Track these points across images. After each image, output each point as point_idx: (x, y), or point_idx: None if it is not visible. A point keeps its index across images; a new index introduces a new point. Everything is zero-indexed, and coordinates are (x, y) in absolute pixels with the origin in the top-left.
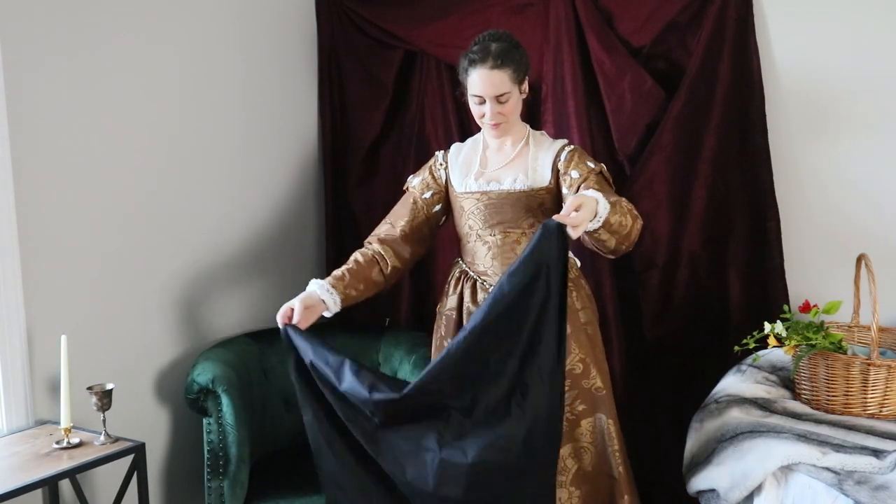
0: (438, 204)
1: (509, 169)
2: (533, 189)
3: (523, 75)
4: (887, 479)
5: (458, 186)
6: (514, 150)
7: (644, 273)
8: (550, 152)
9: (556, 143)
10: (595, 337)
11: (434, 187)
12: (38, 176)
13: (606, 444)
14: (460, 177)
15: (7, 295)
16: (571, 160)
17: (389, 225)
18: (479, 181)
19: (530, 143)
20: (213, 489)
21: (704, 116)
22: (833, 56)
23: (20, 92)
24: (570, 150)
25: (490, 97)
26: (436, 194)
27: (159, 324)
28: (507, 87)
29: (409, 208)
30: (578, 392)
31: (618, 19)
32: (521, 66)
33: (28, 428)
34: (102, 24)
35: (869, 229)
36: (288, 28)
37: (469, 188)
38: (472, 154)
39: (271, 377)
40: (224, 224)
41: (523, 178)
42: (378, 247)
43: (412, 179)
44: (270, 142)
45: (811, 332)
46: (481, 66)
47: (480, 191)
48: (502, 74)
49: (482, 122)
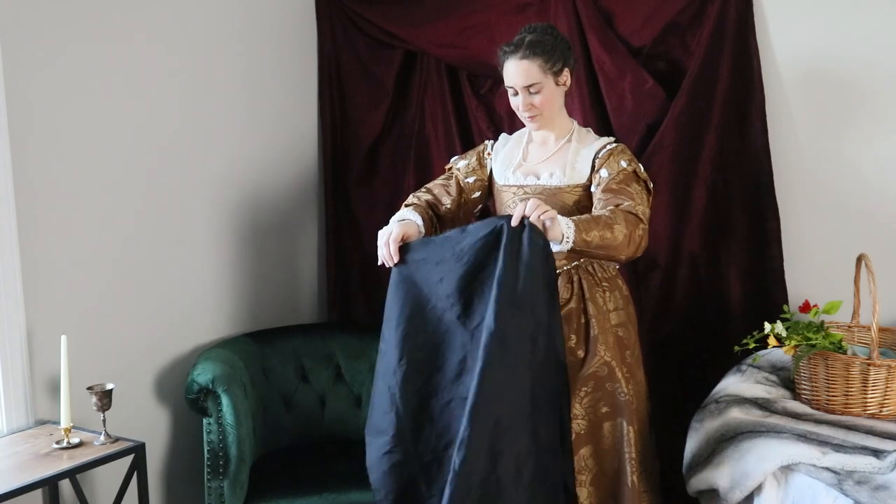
0: (479, 191)
1: (548, 164)
2: (569, 186)
3: (559, 66)
4: (887, 479)
5: (499, 179)
6: (557, 146)
7: (645, 274)
8: (592, 149)
9: (600, 141)
10: (628, 340)
11: (479, 174)
12: (38, 176)
13: (624, 450)
14: (502, 169)
15: (7, 295)
16: (607, 158)
17: (433, 197)
18: (517, 174)
19: (573, 139)
20: (213, 489)
21: (705, 116)
22: (833, 56)
23: (20, 92)
24: (610, 148)
25: (520, 87)
26: (478, 181)
27: (159, 324)
28: (536, 76)
29: (454, 188)
30: (602, 394)
31: (618, 19)
32: (555, 57)
33: (28, 428)
34: (102, 25)
35: (869, 229)
36: (288, 28)
37: (508, 181)
38: (516, 147)
39: (271, 377)
40: (224, 223)
41: (560, 173)
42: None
43: (457, 161)
44: (270, 142)
45: (811, 332)
46: (512, 56)
47: (518, 184)
48: (531, 64)
49: (520, 115)
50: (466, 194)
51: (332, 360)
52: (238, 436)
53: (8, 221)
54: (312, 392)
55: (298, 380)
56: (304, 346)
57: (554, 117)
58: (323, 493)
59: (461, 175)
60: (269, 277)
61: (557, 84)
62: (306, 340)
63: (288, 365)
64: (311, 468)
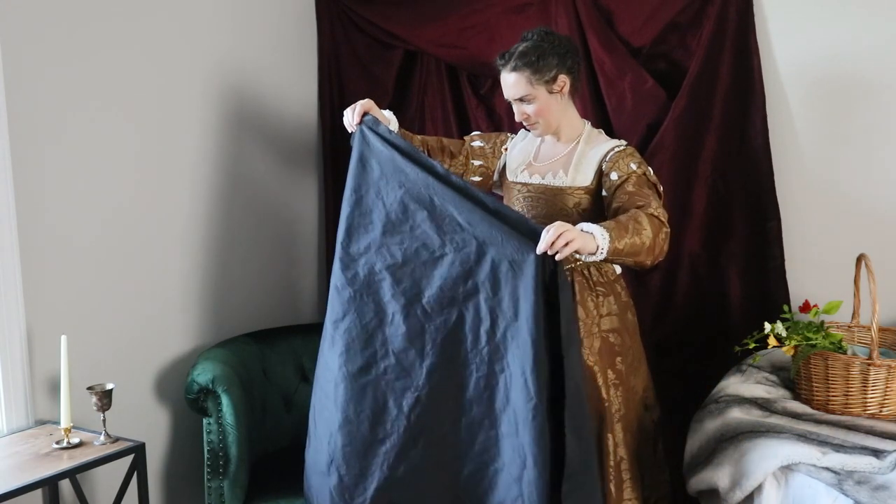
0: (479, 177)
1: (555, 164)
2: (571, 187)
3: (550, 75)
4: (887, 479)
5: (510, 174)
6: (566, 148)
7: (645, 274)
8: (599, 151)
9: (609, 143)
10: (621, 347)
11: (488, 161)
12: (38, 176)
13: (603, 457)
14: (515, 164)
15: (7, 295)
16: (616, 160)
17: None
18: (525, 173)
19: (581, 140)
20: (213, 489)
21: (705, 116)
22: (833, 56)
23: (20, 92)
24: (618, 151)
25: (511, 99)
26: (483, 167)
27: (159, 324)
28: (524, 89)
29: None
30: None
31: (618, 19)
32: (546, 67)
33: (28, 428)
34: (102, 28)
35: (869, 229)
36: (288, 28)
37: (517, 178)
38: (530, 145)
39: (271, 377)
40: (224, 224)
41: (563, 175)
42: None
43: (476, 139)
44: (270, 142)
45: (811, 332)
46: (503, 69)
47: (523, 182)
48: (519, 77)
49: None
50: (468, 174)
51: None
52: (238, 436)
53: (8, 221)
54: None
55: (298, 380)
56: (304, 346)
57: (556, 122)
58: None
59: (471, 154)
60: (270, 277)
61: (552, 92)
62: (306, 340)
63: (288, 365)
64: None
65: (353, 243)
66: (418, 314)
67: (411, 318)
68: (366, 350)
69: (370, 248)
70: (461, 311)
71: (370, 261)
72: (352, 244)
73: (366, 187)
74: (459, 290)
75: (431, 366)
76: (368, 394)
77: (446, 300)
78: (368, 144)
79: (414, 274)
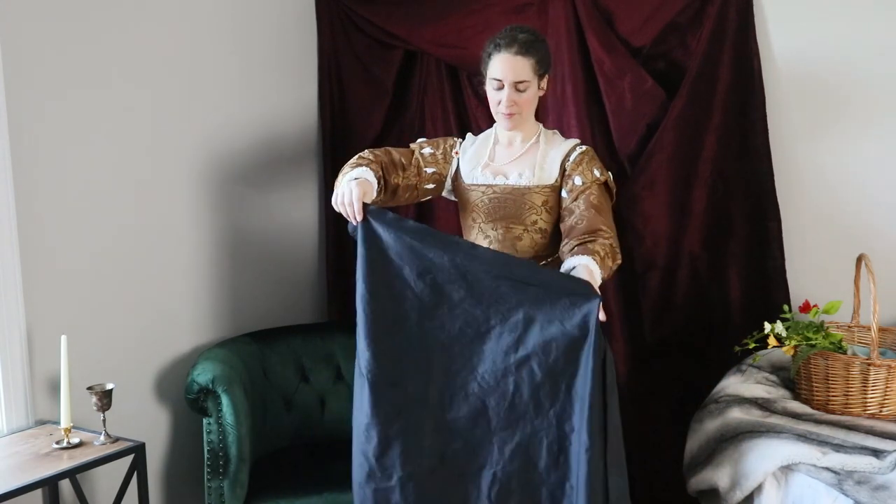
0: (433, 184)
1: (516, 164)
2: (538, 186)
3: (544, 70)
4: (887, 479)
5: (466, 178)
6: (524, 147)
7: (645, 274)
8: (561, 151)
9: (568, 143)
10: None
11: (440, 167)
12: (37, 176)
13: None
14: (469, 168)
15: (7, 295)
16: (580, 163)
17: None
18: (486, 173)
19: (541, 140)
20: (213, 489)
21: (705, 117)
22: (833, 56)
23: (20, 92)
24: (580, 152)
25: (510, 82)
26: (436, 174)
27: (159, 324)
28: (527, 75)
29: (413, 169)
30: None
31: (618, 19)
32: (544, 61)
33: (28, 428)
34: (102, 25)
35: (869, 229)
36: (288, 28)
37: (476, 180)
38: (483, 147)
39: (271, 377)
40: (224, 224)
41: (529, 174)
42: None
43: (423, 146)
44: (270, 142)
45: (811, 332)
46: (506, 50)
47: (486, 183)
48: (525, 62)
49: (497, 112)
50: (420, 183)
51: (332, 360)
52: (238, 436)
53: (8, 221)
54: (312, 392)
55: (298, 380)
56: (304, 346)
57: (527, 119)
58: (323, 493)
59: (422, 162)
60: (269, 277)
61: (539, 87)
62: (306, 340)
63: (288, 365)
64: (311, 468)
65: (382, 342)
66: (476, 392)
67: (471, 398)
68: (428, 447)
69: (408, 339)
70: (517, 380)
71: (409, 355)
72: (381, 343)
73: (387, 284)
74: (511, 360)
75: (501, 440)
76: (442, 487)
77: (500, 372)
78: (380, 238)
79: (463, 353)
